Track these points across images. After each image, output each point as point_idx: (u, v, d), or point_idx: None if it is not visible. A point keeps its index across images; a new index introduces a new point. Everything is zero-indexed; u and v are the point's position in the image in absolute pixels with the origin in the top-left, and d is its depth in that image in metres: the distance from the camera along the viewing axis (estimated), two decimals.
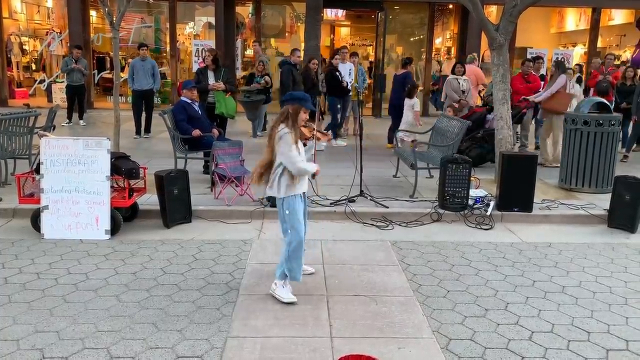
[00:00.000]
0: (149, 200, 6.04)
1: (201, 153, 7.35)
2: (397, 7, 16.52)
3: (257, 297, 4.09)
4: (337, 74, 10.32)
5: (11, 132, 6.92)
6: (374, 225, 5.88)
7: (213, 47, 13.67)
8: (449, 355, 3.36)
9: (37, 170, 5.41)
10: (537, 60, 10.00)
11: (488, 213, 6.08)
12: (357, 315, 3.84)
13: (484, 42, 13.93)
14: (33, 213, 5.42)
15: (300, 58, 9.30)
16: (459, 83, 9.79)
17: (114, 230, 5.37)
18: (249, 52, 16.59)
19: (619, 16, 16.52)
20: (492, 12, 15.79)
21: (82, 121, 12.23)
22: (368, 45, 18.75)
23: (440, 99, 10.74)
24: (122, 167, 5.48)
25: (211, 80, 8.16)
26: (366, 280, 4.46)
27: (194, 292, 4.17)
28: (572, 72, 10.31)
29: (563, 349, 3.47)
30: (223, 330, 3.60)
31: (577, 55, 16.53)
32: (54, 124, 7.82)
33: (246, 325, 3.67)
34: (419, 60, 16.45)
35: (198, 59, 14.07)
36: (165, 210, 5.62)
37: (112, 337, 3.48)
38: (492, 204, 6.21)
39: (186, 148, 7.19)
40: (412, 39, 17.10)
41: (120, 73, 9.70)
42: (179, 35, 15.80)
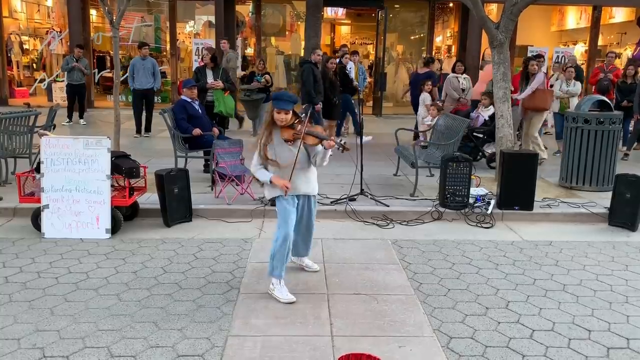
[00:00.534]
0: (150, 199, 6.04)
1: (201, 152, 7.34)
2: (398, 6, 16.52)
3: (258, 295, 4.09)
4: (347, 72, 10.38)
5: (11, 131, 6.92)
6: (374, 224, 5.88)
7: (213, 46, 13.66)
8: (449, 354, 3.36)
9: (38, 170, 5.41)
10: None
11: (489, 211, 6.07)
12: (357, 314, 3.83)
13: (484, 40, 13.93)
14: (33, 212, 5.42)
15: (319, 57, 9.30)
16: (459, 81, 9.79)
17: (115, 229, 5.38)
18: (249, 50, 16.61)
19: (619, 14, 16.51)
20: (493, 11, 15.78)
21: (82, 120, 12.23)
22: (368, 44, 18.74)
23: (441, 97, 10.72)
24: (123, 166, 5.48)
25: (209, 79, 8.15)
26: (367, 278, 4.46)
27: (194, 291, 4.17)
28: (574, 70, 10.27)
29: (564, 347, 3.47)
30: (224, 329, 3.60)
31: (577, 54, 16.52)
32: (54, 123, 7.82)
33: (247, 324, 3.67)
34: (419, 58, 16.45)
35: (198, 58, 14.06)
36: (166, 209, 5.62)
37: (113, 336, 3.48)
38: (493, 202, 6.21)
39: (186, 147, 7.18)
40: (412, 37, 17.10)
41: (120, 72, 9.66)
42: (179, 34, 15.81)
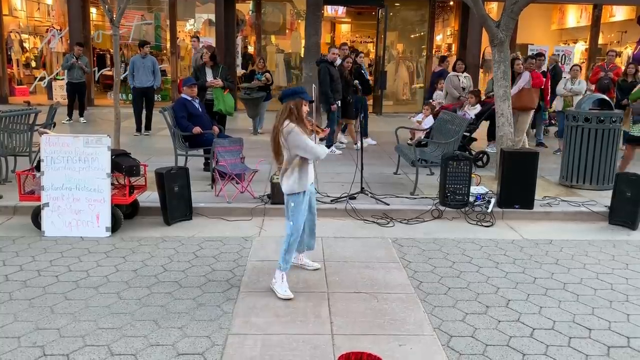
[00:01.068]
0: (150, 197, 6.04)
1: (201, 150, 7.34)
2: (398, 4, 16.49)
3: (258, 294, 4.09)
4: (362, 71, 10.36)
5: (11, 129, 6.92)
6: (374, 222, 5.88)
7: (213, 44, 13.65)
8: (450, 353, 3.36)
9: (38, 168, 5.41)
10: (538, 57, 10.00)
11: (489, 210, 6.07)
12: (358, 313, 3.83)
13: (484, 38, 13.92)
14: (34, 210, 5.42)
15: (336, 55, 9.30)
16: (459, 80, 9.78)
17: (115, 227, 5.37)
18: (250, 49, 16.59)
19: (620, 13, 16.48)
20: (493, 9, 15.76)
21: (82, 118, 12.22)
22: (368, 42, 18.73)
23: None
24: (123, 165, 5.47)
25: (209, 77, 8.13)
26: (367, 277, 4.46)
27: (194, 289, 4.17)
28: (580, 69, 10.28)
29: (564, 346, 3.47)
30: (224, 327, 3.60)
31: (578, 52, 16.51)
32: (55, 122, 7.82)
33: (247, 322, 3.67)
34: (420, 57, 16.44)
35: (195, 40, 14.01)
36: (166, 207, 5.62)
37: (113, 334, 3.48)
38: (493, 201, 6.20)
39: (187, 145, 7.17)
40: (412, 35, 17.08)
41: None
42: (179, 32, 15.78)
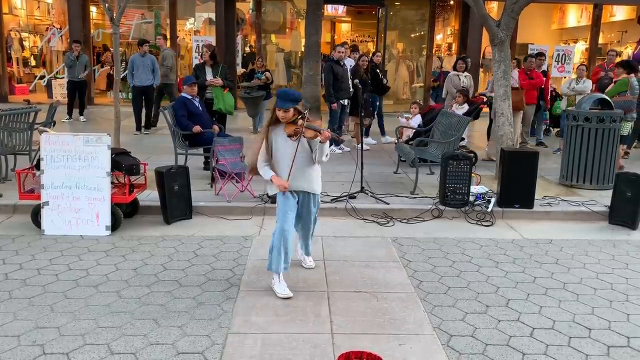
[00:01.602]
0: (150, 196, 6.04)
1: (201, 149, 7.33)
2: (398, 3, 16.49)
3: (258, 293, 4.09)
4: (377, 71, 10.32)
5: (11, 128, 6.91)
6: (374, 221, 5.88)
7: (213, 43, 13.64)
8: (449, 352, 3.36)
9: (38, 166, 5.40)
10: (539, 56, 10.00)
11: (489, 209, 6.07)
12: (358, 312, 3.83)
13: (485, 38, 13.90)
14: (33, 209, 5.42)
15: (341, 54, 9.23)
16: (459, 79, 9.78)
17: (115, 226, 5.37)
18: (248, 49, 16.58)
19: (620, 12, 16.47)
20: (493, 9, 15.75)
21: (82, 117, 12.22)
22: (369, 41, 18.72)
23: (442, 95, 10.72)
24: (123, 163, 5.47)
25: (209, 76, 8.11)
26: (367, 276, 4.45)
27: (194, 288, 4.16)
28: (585, 68, 10.26)
29: (564, 346, 3.47)
30: (224, 326, 3.60)
31: (578, 52, 16.49)
32: (54, 120, 7.81)
33: (247, 321, 3.67)
34: (420, 56, 16.43)
35: (198, 55, 14.03)
36: (166, 206, 5.62)
37: (113, 333, 3.47)
38: (493, 200, 6.20)
39: (186, 144, 7.17)
40: (412, 35, 17.07)
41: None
42: (179, 31, 15.77)
